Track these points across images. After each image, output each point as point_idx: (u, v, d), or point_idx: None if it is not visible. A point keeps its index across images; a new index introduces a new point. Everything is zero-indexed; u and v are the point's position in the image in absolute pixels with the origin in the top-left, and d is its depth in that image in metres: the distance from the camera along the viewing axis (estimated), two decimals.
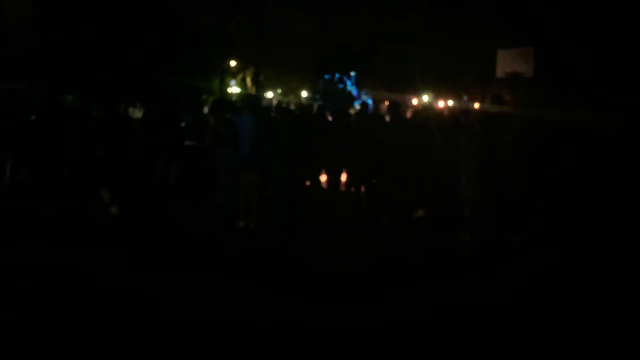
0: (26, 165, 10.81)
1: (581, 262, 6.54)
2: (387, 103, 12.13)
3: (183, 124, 10.28)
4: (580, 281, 5.94)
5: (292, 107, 11.27)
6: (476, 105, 11.06)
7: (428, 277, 6.14)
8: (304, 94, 25.69)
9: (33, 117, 11.30)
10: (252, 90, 25.62)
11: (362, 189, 9.25)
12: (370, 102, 13.65)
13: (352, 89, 26.03)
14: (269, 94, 24.72)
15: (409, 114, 10.35)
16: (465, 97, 17.13)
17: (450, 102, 13.08)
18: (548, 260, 6.72)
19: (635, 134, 8.39)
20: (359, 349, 4.35)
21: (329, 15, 24.68)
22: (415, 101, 12.28)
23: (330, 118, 10.42)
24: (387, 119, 9.54)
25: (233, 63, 27.21)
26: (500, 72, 18.47)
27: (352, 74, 26.36)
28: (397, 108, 9.50)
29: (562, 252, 6.94)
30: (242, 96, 17.76)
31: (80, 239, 7.34)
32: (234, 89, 26.06)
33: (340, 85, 26.39)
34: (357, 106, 13.21)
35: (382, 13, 23.55)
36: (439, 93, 20.67)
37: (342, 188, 9.61)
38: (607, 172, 8.06)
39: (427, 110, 11.18)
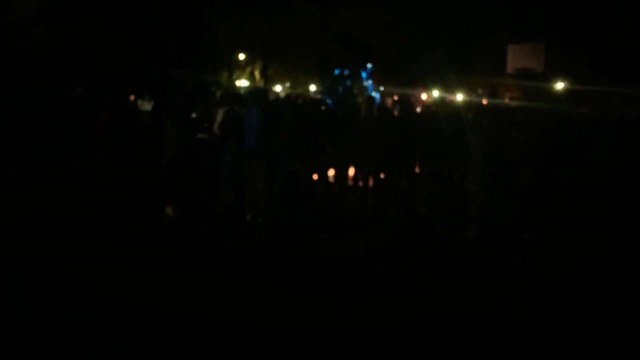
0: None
1: (589, 260, 6.48)
2: (395, 97, 12.08)
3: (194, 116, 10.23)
4: (587, 279, 5.88)
5: (299, 100, 11.20)
6: (485, 101, 10.98)
7: (434, 273, 6.10)
8: (312, 87, 25.61)
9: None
10: (260, 84, 25.57)
11: (370, 183, 9.20)
12: (377, 96, 13.54)
13: (368, 83, 25.63)
14: (277, 88, 24.65)
15: (418, 109, 10.29)
16: (474, 93, 17.07)
17: (460, 97, 13.00)
18: (555, 257, 6.66)
19: None
20: (363, 346, 4.32)
21: (338, 9, 24.57)
22: (424, 96, 12.22)
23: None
24: (396, 113, 9.49)
25: (242, 56, 27.17)
26: (510, 67, 18.41)
27: (369, 66, 25.91)
28: (406, 102, 9.45)
29: (570, 250, 6.87)
30: (250, 89, 17.74)
31: (82, 232, 7.34)
32: (242, 82, 26.02)
33: (348, 82, 26.07)
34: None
35: (391, 7, 23.45)
36: (448, 88, 20.60)
37: (350, 182, 9.55)
38: (618, 168, 7.98)
39: (436, 105, 11.10)
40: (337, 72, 25.46)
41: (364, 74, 24.89)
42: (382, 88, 22.69)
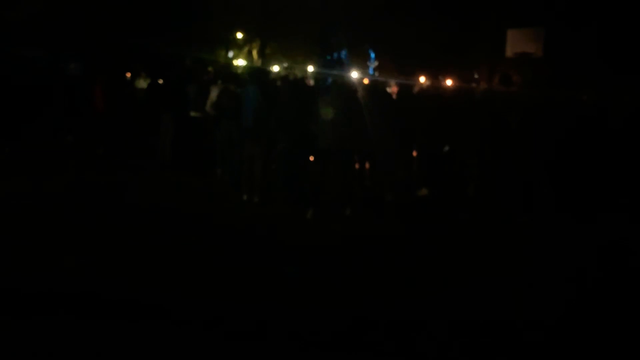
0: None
1: (584, 243, 6.50)
2: (394, 80, 12.03)
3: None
4: (579, 261, 5.91)
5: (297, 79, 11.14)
6: (483, 85, 10.97)
7: (429, 255, 6.11)
8: (311, 68, 25.45)
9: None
10: (258, 63, 25.40)
11: (366, 165, 9.19)
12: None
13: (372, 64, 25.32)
14: (275, 68, 24.47)
15: (415, 92, 10.26)
16: (475, 76, 17.05)
17: (458, 81, 12.96)
18: (552, 240, 6.67)
19: None
20: (356, 325, 4.34)
21: None
22: (422, 79, 12.16)
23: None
24: (394, 96, 9.47)
25: (240, 35, 26.93)
26: (509, 52, 18.32)
27: (372, 56, 25.55)
28: (404, 85, 9.43)
29: (566, 233, 6.89)
30: (248, 68, 17.62)
31: (78, 208, 7.33)
32: (239, 61, 25.83)
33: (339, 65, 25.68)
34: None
35: None
36: (446, 72, 20.51)
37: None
38: (614, 157, 7.96)
39: (433, 89, 11.06)
40: (328, 57, 25.15)
41: (372, 55, 24.56)
42: (374, 73, 22.51)
